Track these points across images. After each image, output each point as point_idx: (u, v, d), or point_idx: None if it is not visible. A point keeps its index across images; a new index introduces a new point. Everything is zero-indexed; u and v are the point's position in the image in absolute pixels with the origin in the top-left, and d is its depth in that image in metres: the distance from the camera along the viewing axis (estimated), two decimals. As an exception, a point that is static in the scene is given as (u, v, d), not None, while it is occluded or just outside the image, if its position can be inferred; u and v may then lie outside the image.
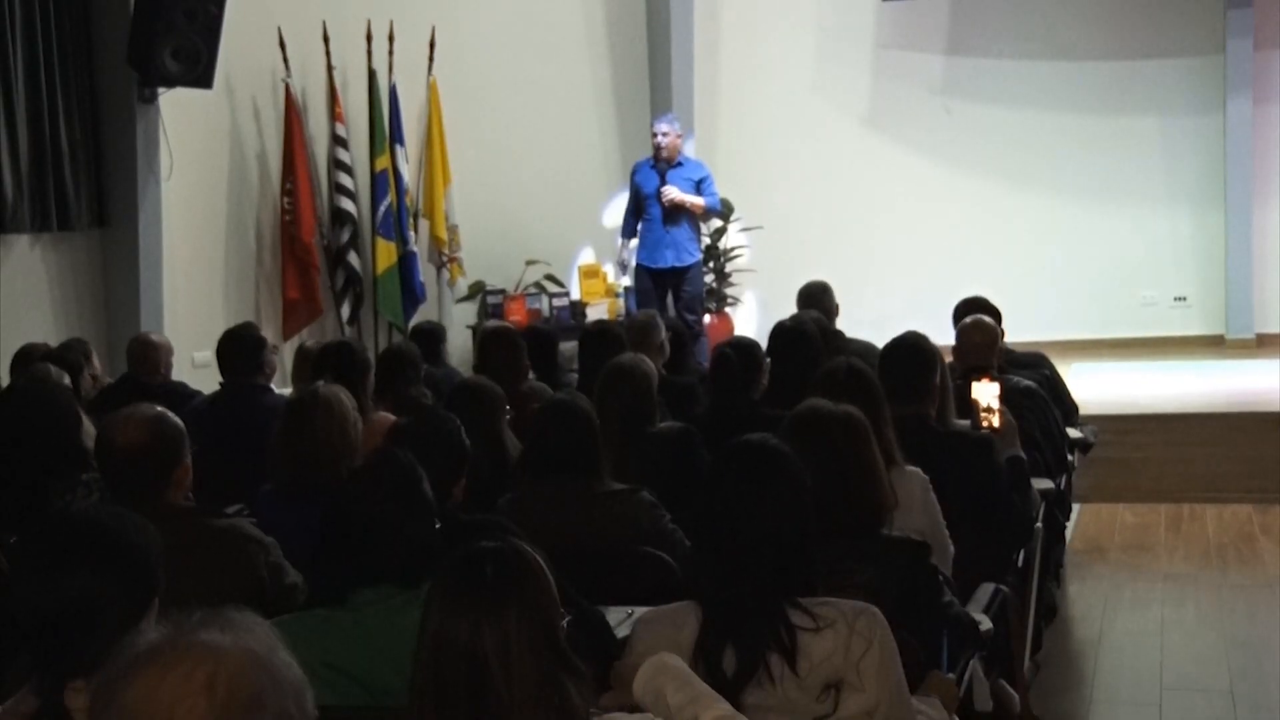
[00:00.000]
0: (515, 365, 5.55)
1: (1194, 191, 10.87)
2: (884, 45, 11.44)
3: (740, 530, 2.57)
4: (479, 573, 2.12)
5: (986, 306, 6.14)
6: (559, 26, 10.58)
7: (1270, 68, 10.59)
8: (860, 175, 11.45)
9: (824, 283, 6.85)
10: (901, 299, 10.41)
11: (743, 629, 2.52)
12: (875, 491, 3.15)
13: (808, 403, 3.32)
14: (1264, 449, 7.78)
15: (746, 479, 2.62)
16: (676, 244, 9.02)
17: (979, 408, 4.77)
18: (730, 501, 2.61)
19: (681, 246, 9.04)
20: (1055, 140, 11.15)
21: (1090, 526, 7.17)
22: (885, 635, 2.56)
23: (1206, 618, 5.89)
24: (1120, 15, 10.92)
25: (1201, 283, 10.91)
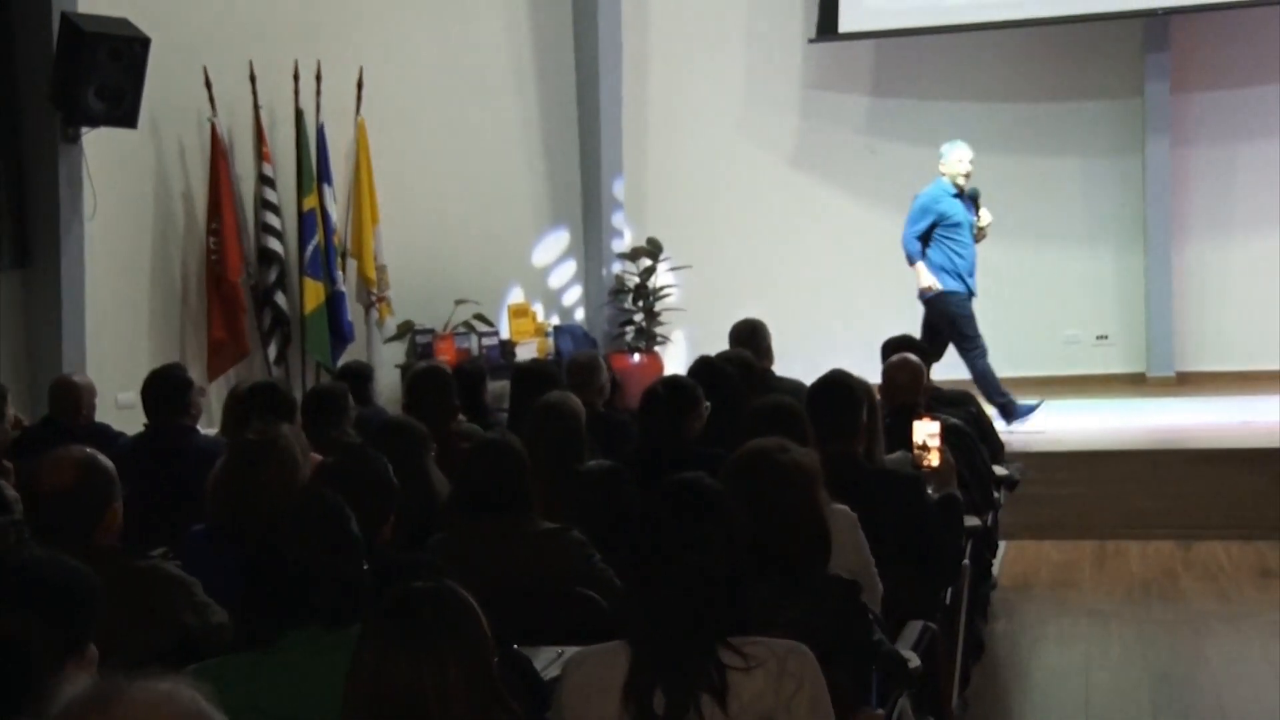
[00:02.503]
0: (444, 405, 5.53)
1: (1114, 232, 11.04)
2: (810, 86, 11.55)
3: (671, 570, 2.57)
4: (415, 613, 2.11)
5: (913, 345, 6.21)
6: (487, 67, 10.61)
7: (1187, 111, 10.80)
8: (788, 214, 11.54)
9: (755, 321, 6.88)
10: (830, 337, 10.47)
11: (673, 669, 2.52)
12: (819, 534, 3.17)
13: (757, 444, 3.34)
14: (1185, 485, 7.90)
15: (678, 518, 2.62)
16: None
17: (917, 446, 4.83)
18: (662, 541, 2.60)
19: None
20: (979, 181, 11.25)
21: (1017, 563, 7.23)
22: (816, 674, 2.56)
23: (1130, 653, 5.96)
24: (1041, 58, 11.11)
25: (1123, 321, 11.08)
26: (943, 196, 8.74)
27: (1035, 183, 11.16)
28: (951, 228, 8.68)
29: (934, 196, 8.77)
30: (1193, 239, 10.87)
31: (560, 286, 11.27)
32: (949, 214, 8.68)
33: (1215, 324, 10.87)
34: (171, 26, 7.88)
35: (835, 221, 11.46)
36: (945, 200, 8.71)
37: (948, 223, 8.68)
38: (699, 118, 11.67)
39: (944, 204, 8.70)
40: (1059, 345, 11.15)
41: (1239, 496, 7.76)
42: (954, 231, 8.69)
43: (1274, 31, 10.65)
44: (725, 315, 7.27)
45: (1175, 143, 10.69)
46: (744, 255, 11.53)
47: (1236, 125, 10.80)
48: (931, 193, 8.80)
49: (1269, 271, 10.75)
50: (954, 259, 8.72)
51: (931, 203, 8.74)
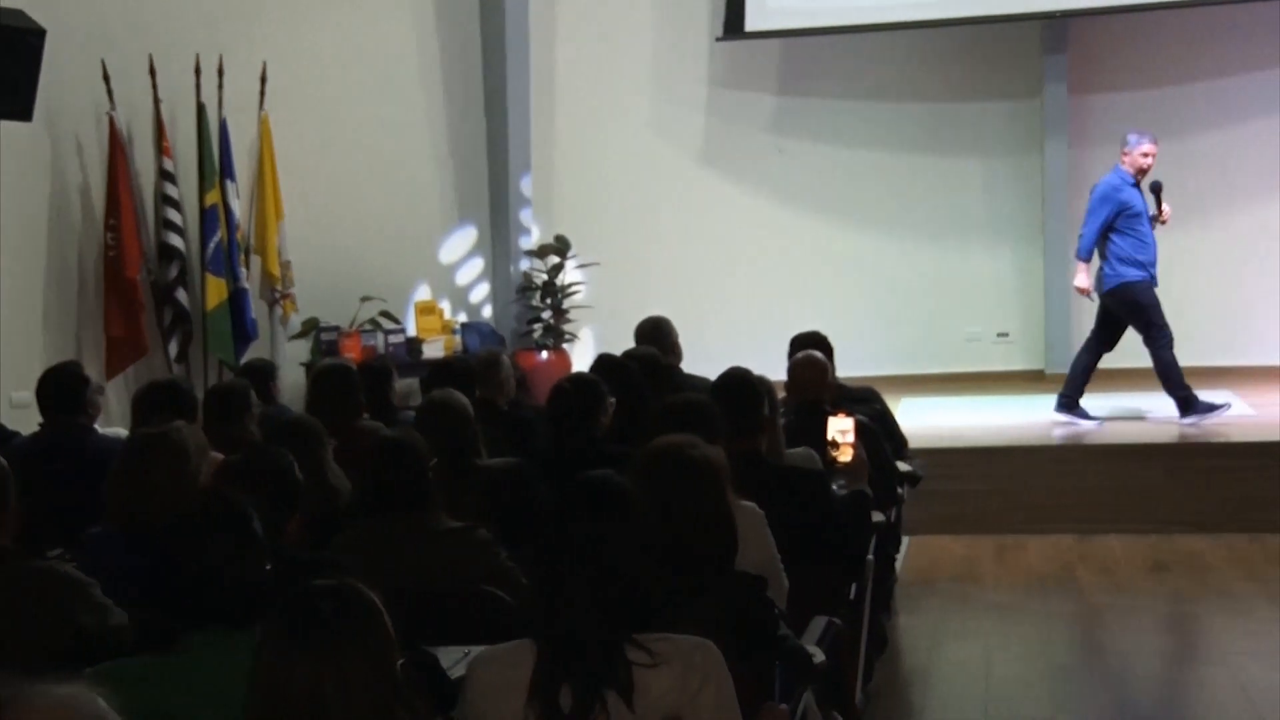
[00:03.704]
0: (348, 402, 5.49)
1: (1014, 230, 11.20)
2: (717, 84, 11.60)
3: (579, 567, 2.57)
4: (316, 612, 2.09)
5: (820, 342, 6.25)
6: (394, 63, 10.53)
7: (1085, 112, 10.98)
8: (696, 212, 11.59)
9: (661, 318, 6.90)
10: (737, 334, 10.53)
11: (579, 666, 2.52)
12: (726, 530, 3.19)
13: (666, 440, 3.35)
14: (1083, 480, 8.05)
15: (585, 515, 2.63)
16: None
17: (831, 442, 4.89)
18: (569, 538, 2.61)
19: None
20: (882, 179, 11.42)
21: (919, 558, 7.31)
22: (721, 670, 2.58)
23: (1030, 646, 6.06)
24: (943, 59, 11.24)
25: (1022, 319, 11.25)
26: (1122, 186, 8.62)
27: (937, 182, 11.30)
28: (1133, 217, 8.57)
29: (1113, 185, 8.64)
30: (1090, 238, 11.05)
31: (468, 284, 11.22)
32: (1129, 203, 8.58)
33: (1112, 322, 11.05)
34: (69, 18, 7.74)
35: (743, 219, 11.52)
36: (1125, 190, 8.61)
37: (1129, 212, 8.57)
38: (607, 115, 11.67)
39: (1124, 193, 8.60)
40: (961, 343, 11.30)
41: (1133, 491, 7.92)
42: (1136, 221, 8.57)
43: (1169, 34, 10.86)
44: (633, 313, 7.28)
45: (1073, 143, 10.87)
46: (652, 253, 11.55)
47: (1132, 126, 10.97)
48: (1110, 181, 8.67)
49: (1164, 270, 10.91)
50: (1137, 248, 8.61)
51: (1112, 192, 8.61)
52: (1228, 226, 10.86)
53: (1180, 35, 10.85)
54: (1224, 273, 10.86)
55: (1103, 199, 8.62)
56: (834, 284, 11.36)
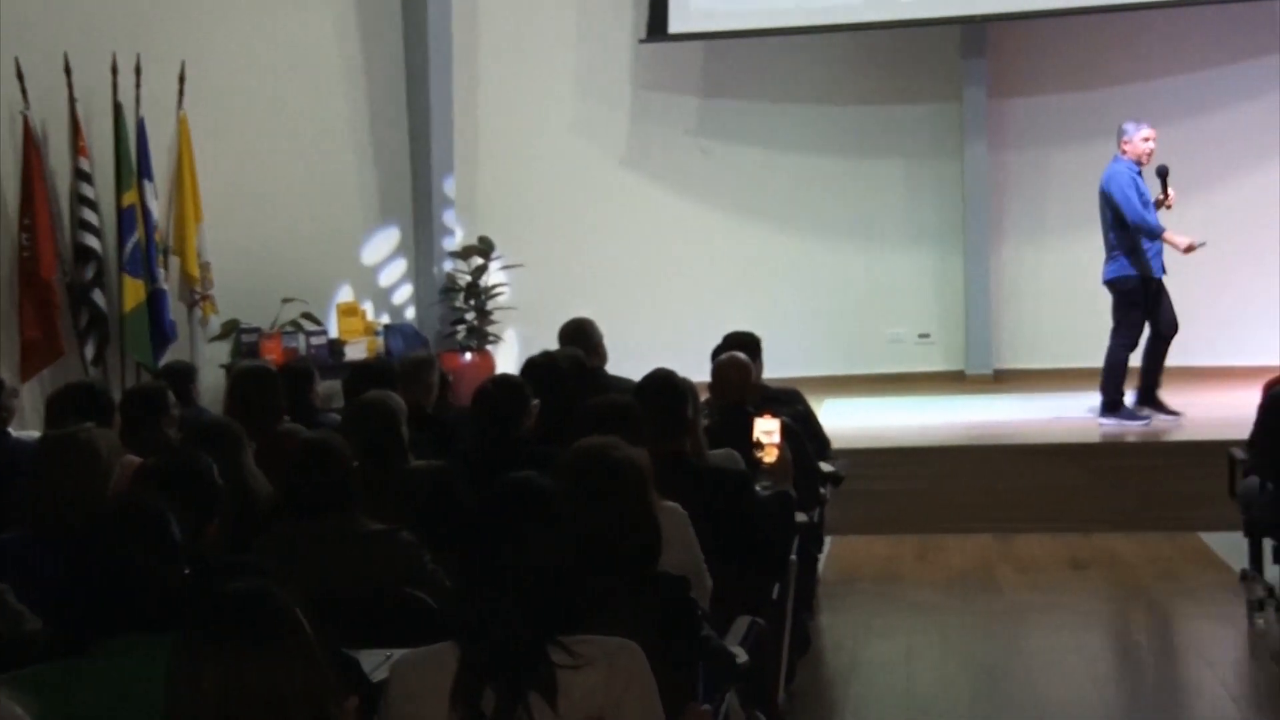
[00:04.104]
0: (268, 404, 5.42)
1: (935, 233, 11.31)
2: (641, 86, 11.62)
3: (502, 569, 2.56)
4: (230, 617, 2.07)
5: (750, 342, 6.27)
6: (316, 63, 10.45)
7: (1003, 115, 11.11)
8: (620, 214, 11.59)
9: (585, 320, 6.89)
10: (661, 336, 10.54)
11: (502, 668, 2.52)
12: (650, 531, 3.19)
13: (590, 442, 3.35)
14: (1002, 480, 8.13)
15: (509, 517, 2.62)
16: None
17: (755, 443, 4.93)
18: (493, 540, 2.60)
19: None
20: (806, 182, 11.49)
21: (842, 558, 7.36)
22: (644, 671, 2.58)
23: (951, 645, 6.12)
24: (864, 62, 11.33)
25: (943, 320, 11.35)
26: (1135, 178, 8.61)
27: (859, 184, 11.39)
28: (1144, 207, 8.58)
29: (1128, 175, 8.59)
30: (1009, 241, 11.20)
31: (390, 285, 11.15)
32: (1143, 193, 8.58)
33: (1030, 323, 11.20)
34: (-18, 15, 7.61)
35: (667, 221, 11.55)
36: (1139, 181, 8.61)
37: (1142, 201, 8.57)
38: (530, 116, 11.65)
39: (1141, 184, 8.60)
40: (883, 344, 11.39)
41: (1053, 490, 8.02)
42: (1145, 211, 8.57)
43: (1086, 39, 11.01)
44: (558, 314, 7.27)
45: (993, 147, 11.00)
46: (577, 254, 11.55)
47: (1051, 130, 11.14)
48: (1121, 171, 8.62)
49: (1081, 273, 11.07)
50: (1142, 245, 8.61)
51: (1128, 179, 8.56)
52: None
53: (1097, 40, 11.00)
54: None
55: (1128, 183, 8.53)
56: (757, 285, 11.41)
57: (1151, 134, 8.59)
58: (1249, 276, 10.70)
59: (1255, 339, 10.23)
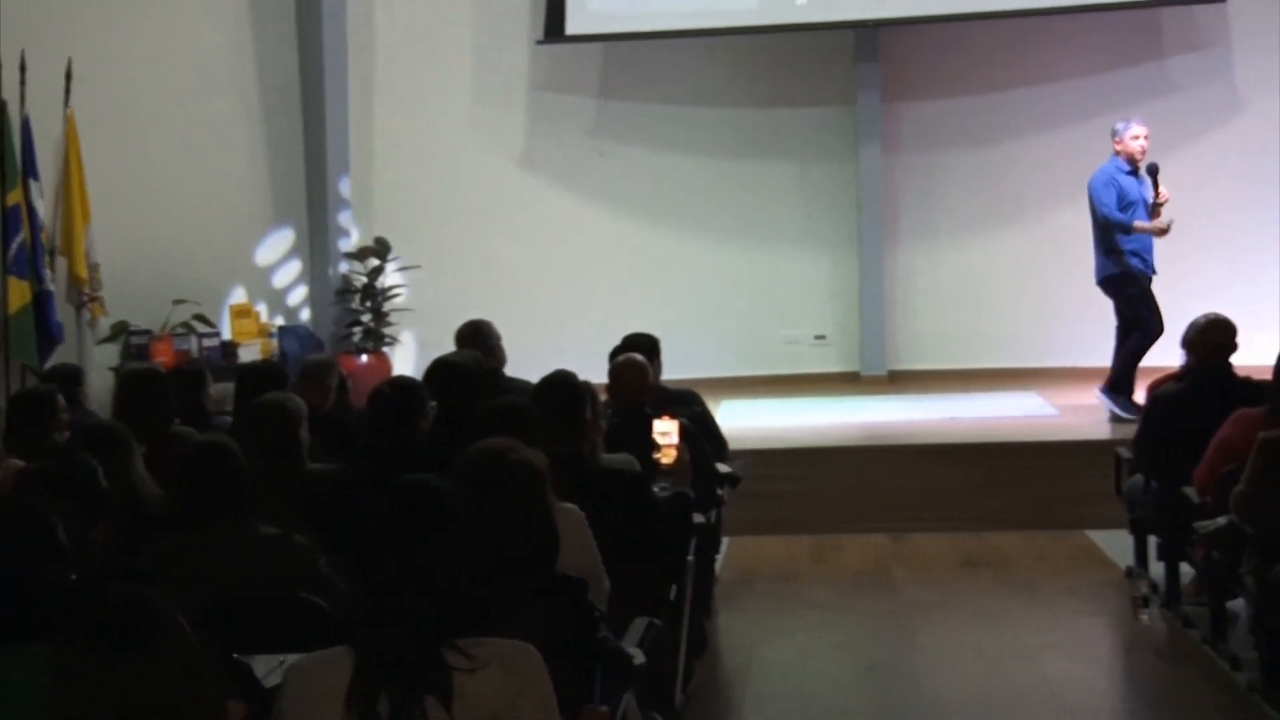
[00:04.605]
0: (158, 408, 5.34)
1: (831, 235, 11.41)
2: (539, 87, 11.60)
3: (398, 572, 2.55)
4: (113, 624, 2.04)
5: (646, 344, 6.29)
6: (207, 61, 10.30)
7: (897, 119, 11.25)
8: (518, 215, 11.56)
9: (482, 322, 6.86)
10: (559, 337, 10.53)
11: (398, 673, 2.50)
12: (548, 533, 3.19)
13: (487, 444, 3.34)
14: (897, 480, 8.22)
15: (405, 520, 2.61)
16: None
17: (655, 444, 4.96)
18: (389, 543, 2.58)
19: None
20: (703, 184, 11.53)
21: (739, 559, 7.40)
22: (541, 673, 2.58)
23: (847, 643, 6.18)
24: (760, 66, 11.40)
25: (839, 322, 11.46)
26: (1118, 174, 8.61)
27: (756, 187, 11.46)
28: (1127, 207, 8.56)
29: (1109, 173, 8.62)
30: (903, 243, 11.33)
31: (285, 286, 11.02)
32: (1125, 192, 8.57)
33: (924, 325, 11.35)
34: None
35: (565, 222, 11.54)
36: (1121, 178, 8.59)
37: (1124, 201, 8.56)
38: (427, 117, 11.58)
39: (1121, 181, 8.59)
40: (779, 345, 11.47)
41: (945, 490, 8.12)
42: (1131, 211, 8.54)
43: (978, 44, 11.18)
44: (455, 316, 7.23)
45: (886, 150, 11.12)
46: (474, 255, 11.49)
47: (943, 134, 11.30)
48: (1105, 169, 8.65)
49: (974, 275, 11.29)
50: (1128, 239, 8.60)
51: (1110, 179, 8.59)
52: (1032, 232, 11.21)
53: (987, 46, 11.17)
54: (1030, 276, 11.21)
55: (1105, 184, 8.60)
56: (655, 287, 11.44)
57: (1141, 132, 8.59)
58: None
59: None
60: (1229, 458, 5.18)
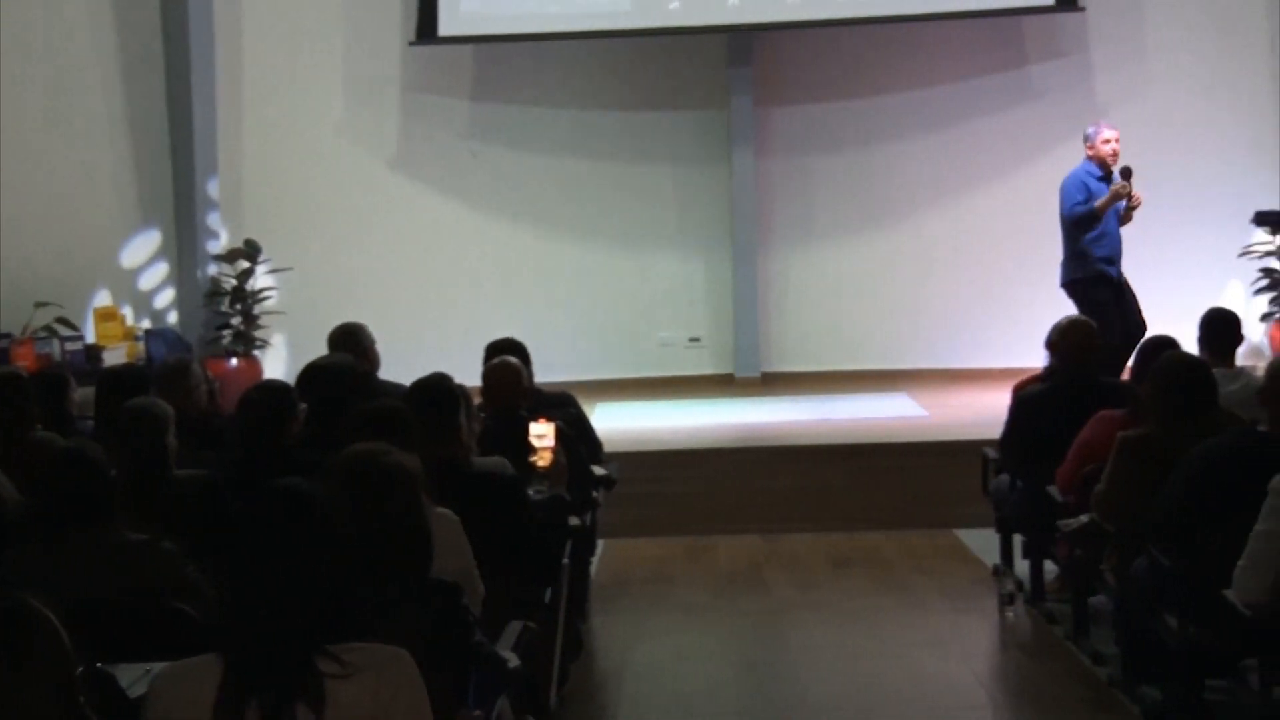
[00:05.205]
0: (19, 413, 5.21)
1: (704, 238, 11.49)
2: (411, 89, 11.52)
3: (268, 577, 2.52)
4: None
5: (515, 347, 6.28)
6: (69, 58, 10.07)
7: (769, 123, 11.36)
8: (391, 217, 11.48)
9: (355, 325, 6.79)
10: (434, 340, 10.46)
11: (267, 679, 2.47)
12: (421, 537, 3.18)
13: (360, 447, 3.32)
14: (770, 481, 8.30)
15: (274, 525, 2.58)
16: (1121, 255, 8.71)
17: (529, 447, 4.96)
18: (258, 548, 2.55)
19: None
20: (578, 186, 11.55)
21: (614, 561, 7.42)
22: (414, 678, 2.57)
23: (720, 644, 6.22)
24: (634, 69, 11.44)
25: (713, 324, 11.54)
26: (1088, 178, 8.61)
27: (630, 189, 11.50)
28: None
29: (1079, 177, 8.63)
30: (776, 246, 11.45)
31: (151, 289, 10.82)
32: (1094, 195, 8.55)
33: (797, 327, 11.48)
34: None
35: (439, 224, 11.48)
36: (1092, 182, 8.59)
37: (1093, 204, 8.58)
38: (297, 117, 11.45)
39: (1091, 185, 8.59)
40: (653, 347, 11.52)
41: (817, 491, 8.21)
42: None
43: (849, 50, 11.33)
44: (328, 319, 7.15)
45: (759, 153, 11.23)
46: (347, 258, 11.39)
47: (815, 138, 11.44)
48: (1075, 173, 8.66)
49: (846, 277, 11.44)
50: (1095, 244, 8.60)
51: (1079, 182, 8.60)
52: (902, 236, 11.40)
53: (858, 51, 11.33)
54: (900, 279, 11.39)
55: (1075, 186, 8.64)
56: (529, 289, 11.43)
57: (1112, 135, 8.64)
58: (999, 282, 11.16)
59: (1005, 342, 10.66)
60: (1090, 458, 5.30)
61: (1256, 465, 3.93)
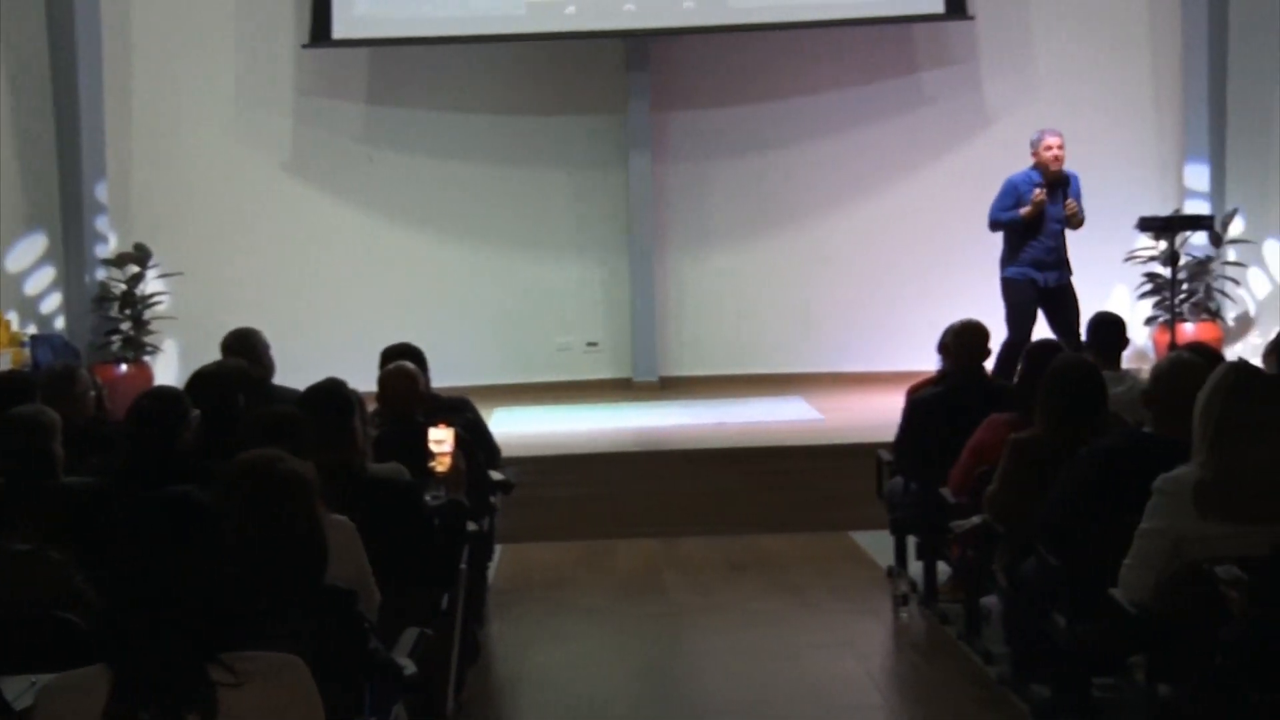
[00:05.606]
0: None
1: (602, 243, 11.51)
2: (305, 92, 11.42)
3: (159, 586, 2.49)
4: None
5: (410, 352, 6.24)
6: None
7: (666, 128, 11.41)
8: (285, 221, 11.36)
9: (249, 330, 6.70)
10: (329, 345, 10.37)
11: (159, 690, 2.44)
12: (316, 544, 3.16)
13: (254, 454, 3.28)
14: (668, 485, 8.33)
15: (165, 533, 2.54)
16: (1064, 261, 8.71)
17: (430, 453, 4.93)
18: (149, 557, 2.52)
19: (1067, 264, 8.73)
20: (474, 190, 11.51)
21: (512, 566, 7.40)
22: (308, 686, 2.55)
23: (618, 648, 6.23)
24: (531, 73, 11.44)
25: (611, 329, 11.56)
26: (1024, 182, 8.66)
27: (527, 194, 11.49)
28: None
29: (1013, 181, 8.71)
30: (673, 251, 11.50)
31: (38, 294, 10.61)
32: (1024, 199, 8.61)
33: (694, 331, 11.54)
34: None
35: (334, 229, 11.39)
36: (1024, 186, 8.64)
37: (1019, 206, 8.62)
38: (188, 121, 11.30)
39: (1022, 189, 8.64)
40: (551, 352, 11.51)
41: (715, 494, 8.25)
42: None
43: (745, 56, 11.41)
44: (220, 324, 7.07)
45: (656, 158, 11.27)
46: (240, 262, 11.26)
47: (711, 143, 11.51)
48: (1013, 176, 8.73)
49: (742, 282, 11.52)
50: (1020, 246, 8.67)
51: (1012, 185, 8.69)
52: (797, 240, 11.50)
53: (754, 57, 11.41)
54: (794, 284, 11.49)
55: (1006, 189, 8.74)
56: (426, 294, 11.38)
57: (1054, 142, 8.71)
58: (893, 286, 11.31)
59: (898, 346, 10.80)
60: (982, 460, 5.38)
61: (1141, 466, 4.01)
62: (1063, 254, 8.79)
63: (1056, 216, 8.71)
